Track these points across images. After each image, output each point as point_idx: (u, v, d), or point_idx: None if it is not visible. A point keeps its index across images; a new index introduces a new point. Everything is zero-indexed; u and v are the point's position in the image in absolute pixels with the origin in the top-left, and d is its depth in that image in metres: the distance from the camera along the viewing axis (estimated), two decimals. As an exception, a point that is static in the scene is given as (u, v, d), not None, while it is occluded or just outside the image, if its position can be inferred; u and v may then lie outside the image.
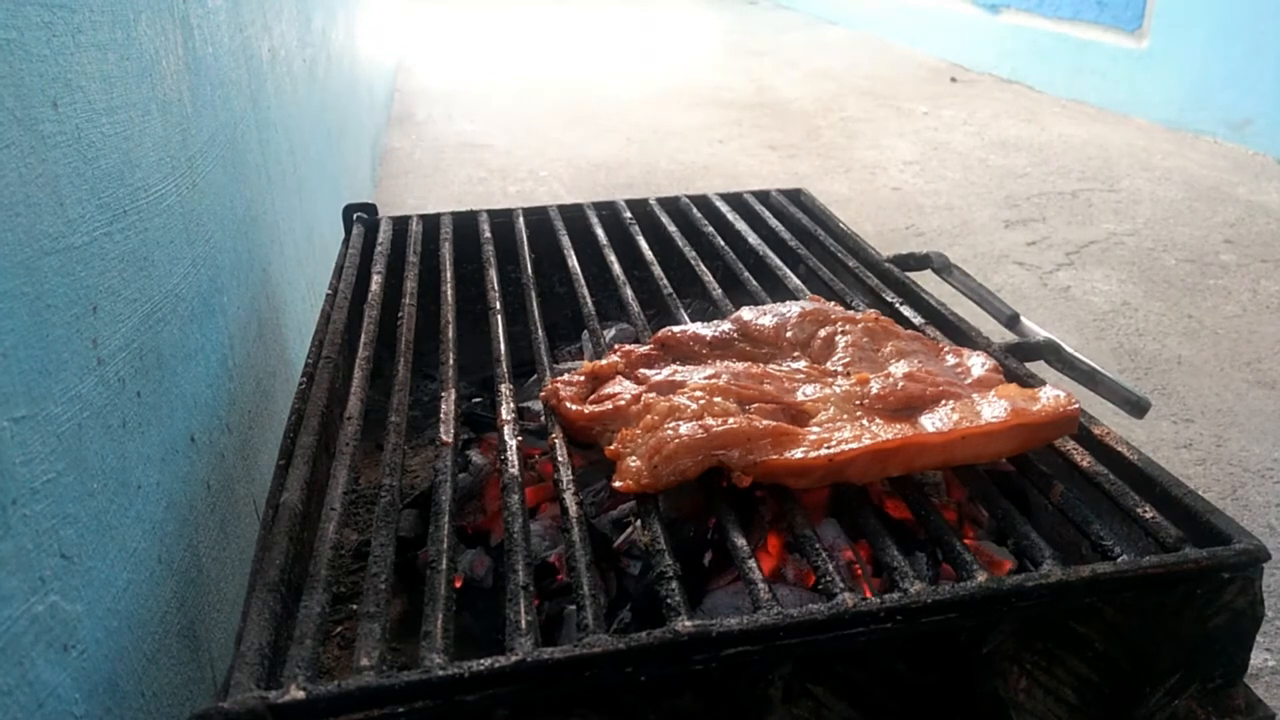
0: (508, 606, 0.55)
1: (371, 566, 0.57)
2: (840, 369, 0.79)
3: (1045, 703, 0.61)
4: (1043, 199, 3.28)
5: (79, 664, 0.58)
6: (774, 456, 0.66)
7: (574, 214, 1.24)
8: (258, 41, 1.39)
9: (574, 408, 0.74)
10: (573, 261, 1.10)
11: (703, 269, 1.08)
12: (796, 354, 0.82)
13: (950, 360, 0.80)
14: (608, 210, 1.26)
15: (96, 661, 0.61)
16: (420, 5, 7.80)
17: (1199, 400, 2.01)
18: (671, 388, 0.75)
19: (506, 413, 0.76)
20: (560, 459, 0.71)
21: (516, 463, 0.70)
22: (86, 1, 0.69)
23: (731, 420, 0.68)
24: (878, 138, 4.02)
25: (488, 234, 1.16)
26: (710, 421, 0.68)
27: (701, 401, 0.71)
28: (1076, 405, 0.71)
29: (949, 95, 4.84)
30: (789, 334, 0.84)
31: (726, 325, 0.86)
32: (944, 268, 1.15)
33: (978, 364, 0.78)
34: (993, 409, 0.69)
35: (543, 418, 0.78)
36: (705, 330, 0.85)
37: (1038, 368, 0.89)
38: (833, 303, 0.91)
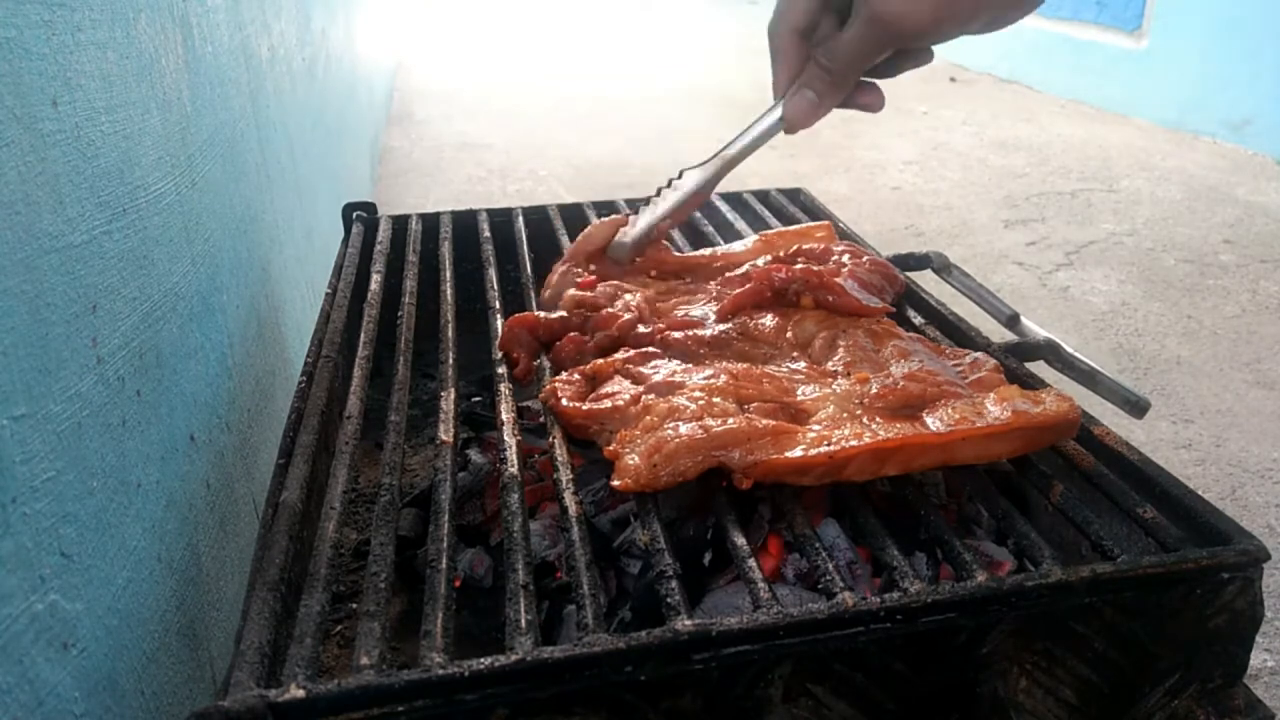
0: (508, 605, 0.55)
1: (371, 565, 0.57)
2: (840, 369, 0.79)
3: (1045, 703, 0.61)
4: (1042, 199, 3.28)
5: (79, 662, 0.58)
6: (774, 455, 0.66)
7: (574, 213, 1.24)
8: (257, 40, 1.39)
9: (572, 405, 0.74)
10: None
11: (703, 268, 1.08)
12: (796, 354, 0.82)
13: (951, 360, 0.80)
14: (608, 209, 1.25)
15: (96, 660, 0.61)
16: (420, 5, 7.79)
17: (1198, 400, 2.01)
18: (670, 388, 0.75)
19: (506, 412, 0.76)
20: (559, 458, 0.71)
21: (516, 462, 0.70)
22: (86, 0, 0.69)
23: (731, 420, 0.68)
24: (877, 137, 4.02)
25: (487, 233, 1.16)
26: (710, 422, 0.68)
27: (701, 402, 0.71)
28: (1079, 410, 0.71)
29: (948, 95, 4.84)
30: (789, 334, 0.84)
31: (726, 325, 0.86)
32: (943, 267, 1.15)
33: (979, 364, 0.78)
34: (994, 410, 0.69)
35: (542, 417, 0.78)
36: (704, 330, 0.85)
37: (1037, 368, 0.89)
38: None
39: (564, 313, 0.88)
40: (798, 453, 0.66)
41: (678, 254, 1.02)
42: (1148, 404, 0.87)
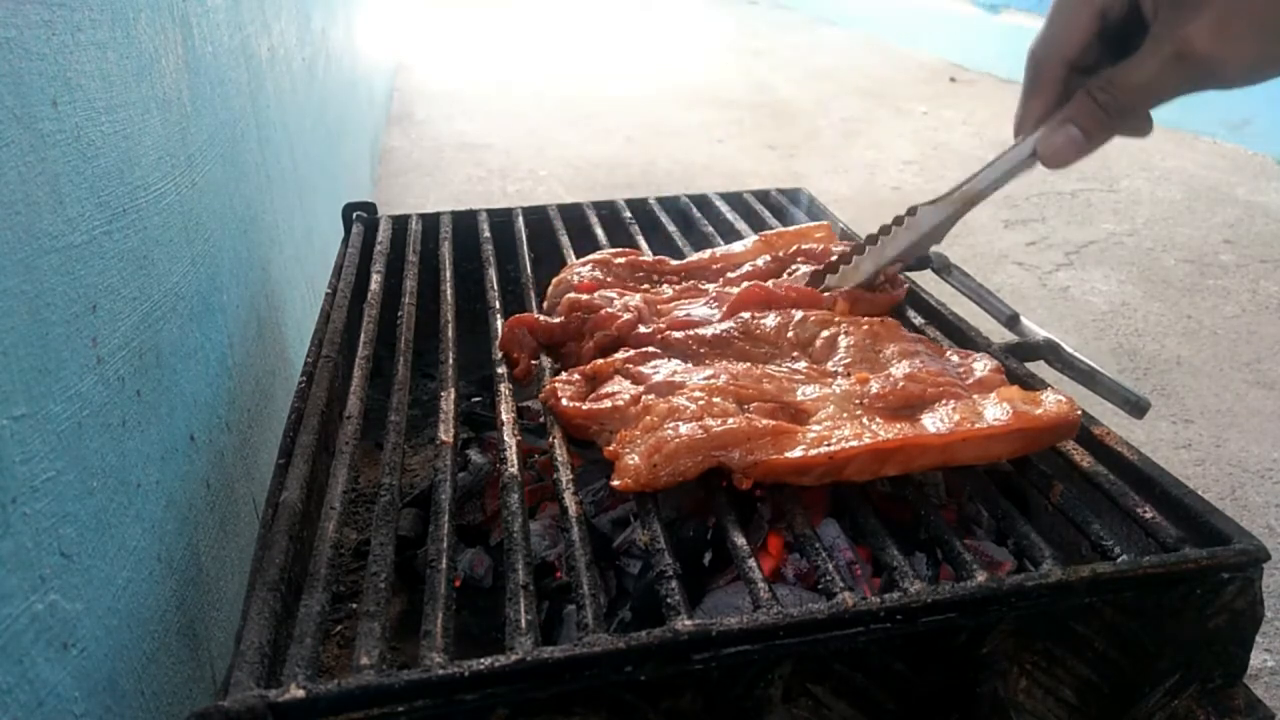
0: (508, 605, 0.55)
1: (371, 565, 0.57)
2: (841, 369, 0.79)
3: (1045, 703, 0.61)
4: (1042, 199, 3.28)
5: (79, 662, 0.58)
6: (774, 455, 0.66)
7: (573, 213, 1.24)
8: (257, 40, 1.39)
9: (572, 405, 0.74)
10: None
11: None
12: (796, 354, 0.82)
13: (952, 361, 0.80)
14: (607, 209, 1.26)
15: (96, 660, 0.61)
16: (420, 4, 7.80)
17: (1198, 401, 2.01)
18: (670, 389, 0.75)
19: (506, 412, 0.76)
20: (559, 458, 0.71)
21: (516, 462, 0.70)
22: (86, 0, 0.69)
23: (731, 420, 0.68)
24: (877, 137, 4.02)
25: (487, 233, 1.16)
26: (710, 422, 0.68)
27: (701, 402, 0.71)
28: (1079, 410, 0.71)
29: (948, 95, 4.84)
30: (790, 334, 0.84)
31: (727, 324, 0.86)
32: (943, 268, 1.15)
33: (980, 365, 0.78)
34: (994, 411, 0.69)
35: (542, 417, 0.78)
36: (705, 330, 0.85)
37: (1037, 368, 0.89)
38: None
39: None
40: (798, 453, 0.66)
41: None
42: (1148, 404, 0.87)
